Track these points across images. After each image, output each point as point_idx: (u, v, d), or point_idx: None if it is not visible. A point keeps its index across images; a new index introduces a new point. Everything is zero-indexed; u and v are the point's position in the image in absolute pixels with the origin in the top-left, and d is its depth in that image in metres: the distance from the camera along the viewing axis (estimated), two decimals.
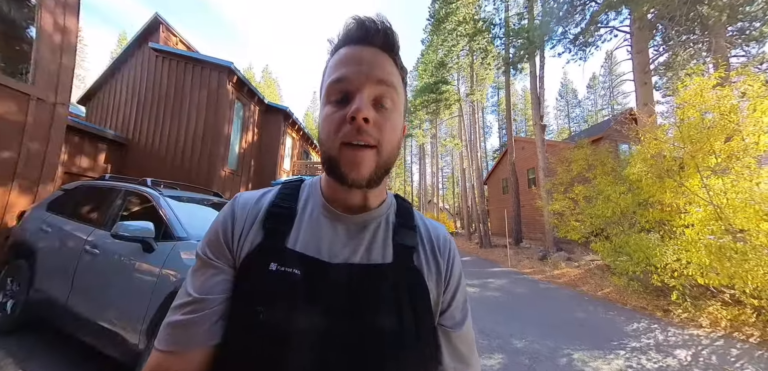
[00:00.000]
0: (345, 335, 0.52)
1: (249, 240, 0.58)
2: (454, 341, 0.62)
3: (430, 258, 0.64)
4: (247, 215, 0.61)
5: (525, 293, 6.96)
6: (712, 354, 3.83)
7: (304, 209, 0.63)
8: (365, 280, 0.56)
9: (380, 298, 0.55)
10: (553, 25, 12.18)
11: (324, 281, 0.54)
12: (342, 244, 0.59)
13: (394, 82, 0.57)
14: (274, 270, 0.54)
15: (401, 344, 0.54)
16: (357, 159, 0.53)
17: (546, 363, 3.57)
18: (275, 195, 0.65)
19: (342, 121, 0.53)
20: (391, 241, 0.62)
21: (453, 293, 0.65)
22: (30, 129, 5.45)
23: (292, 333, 0.50)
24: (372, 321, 0.53)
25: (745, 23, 10.07)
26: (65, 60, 6.00)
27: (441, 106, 22.70)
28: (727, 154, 5.51)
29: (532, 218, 19.42)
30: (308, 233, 0.59)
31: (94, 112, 12.73)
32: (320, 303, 0.53)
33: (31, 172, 5.51)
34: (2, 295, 3.65)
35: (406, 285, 0.58)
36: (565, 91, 62.36)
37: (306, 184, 0.69)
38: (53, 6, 5.76)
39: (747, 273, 4.48)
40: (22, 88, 5.35)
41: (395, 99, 0.58)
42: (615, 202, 7.66)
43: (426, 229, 0.69)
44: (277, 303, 0.52)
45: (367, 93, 0.54)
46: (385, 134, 0.55)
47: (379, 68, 0.55)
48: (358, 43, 0.56)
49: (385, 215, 0.65)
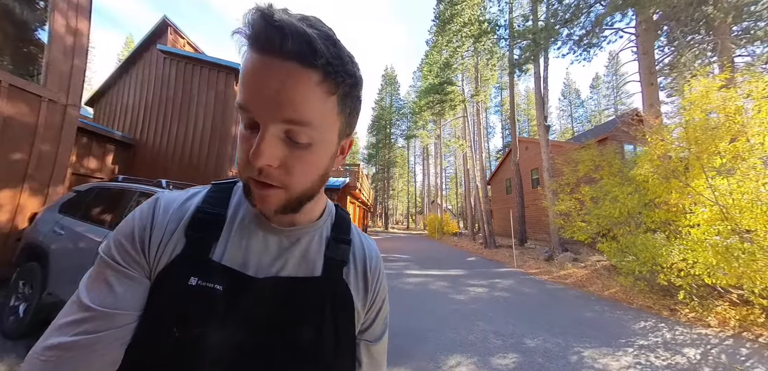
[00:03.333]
0: (263, 349, 0.50)
1: (169, 249, 0.51)
2: (372, 352, 0.65)
3: (360, 275, 0.65)
4: (169, 219, 0.53)
5: (533, 293, 6.97)
6: (721, 353, 3.84)
7: (235, 215, 0.57)
8: (290, 294, 0.54)
9: (303, 311, 0.54)
10: (558, 27, 12.18)
11: (247, 297, 0.51)
12: (273, 257, 0.56)
13: (309, 116, 0.45)
14: (193, 285, 0.49)
15: (318, 355, 0.54)
16: (263, 196, 0.48)
17: (558, 360, 3.61)
18: (203, 198, 0.58)
19: (245, 157, 0.46)
20: (323, 255, 0.61)
21: (377, 311, 0.67)
22: (41, 130, 5.52)
23: (207, 351, 0.47)
24: (291, 333, 0.52)
25: (750, 23, 10.07)
26: (77, 61, 6.08)
27: (446, 107, 22.69)
28: (733, 155, 5.52)
29: (536, 218, 19.42)
30: (237, 243, 0.55)
31: (101, 113, 12.86)
32: (240, 319, 0.50)
33: (42, 174, 5.58)
34: (14, 298, 3.62)
35: (331, 298, 0.58)
36: (567, 91, 62.24)
37: (239, 186, 0.62)
38: (66, 8, 5.85)
39: (755, 273, 4.49)
40: (33, 89, 5.43)
41: (312, 135, 0.47)
42: (622, 203, 7.67)
43: (360, 246, 0.68)
44: (193, 321, 0.47)
45: (273, 130, 0.44)
46: (294, 175, 0.48)
47: (286, 98, 0.43)
48: (263, 53, 0.42)
49: (320, 229, 0.63)
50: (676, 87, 13.57)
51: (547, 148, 13.38)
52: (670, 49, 12.01)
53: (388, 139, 53.42)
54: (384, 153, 52.48)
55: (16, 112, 5.20)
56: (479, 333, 4.44)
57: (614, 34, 12.14)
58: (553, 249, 12.61)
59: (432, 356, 3.65)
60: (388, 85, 57.16)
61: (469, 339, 4.19)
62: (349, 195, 17.55)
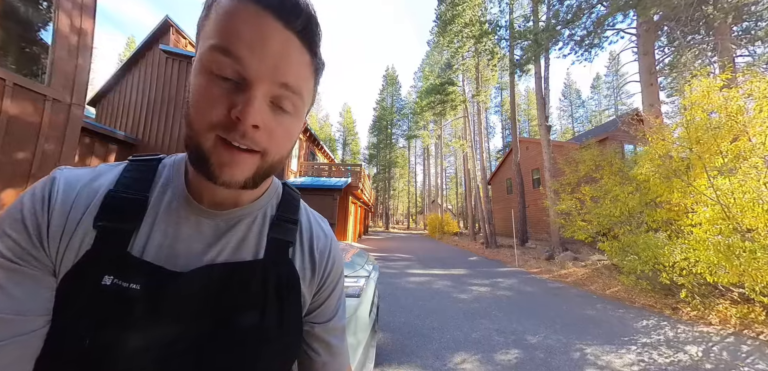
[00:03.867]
0: (195, 341, 0.45)
1: (75, 242, 0.43)
2: (324, 336, 0.61)
3: (306, 255, 0.60)
4: (72, 204, 0.44)
5: (535, 292, 7.00)
6: (723, 350, 3.86)
7: (161, 198, 0.50)
8: (226, 280, 0.49)
9: (241, 295, 0.49)
10: (559, 27, 12.22)
11: (171, 293, 0.45)
12: (206, 244, 0.50)
13: (302, 89, 0.46)
14: (108, 285, 0.42)
15: (260, 341, 0.49)
16: (234, 160, 0.42)
17: (560, 356, 3.63)
18: (117, 177, 0.49)
19: (223, 113, 0.40)
20: (266, 236, 0.55)
21: (329, 292, 0.62)
22: (45, 130, 5.54)
23: (125, 358, 0.41)
24: (230, 320, 0.48)
25: (750, 23, 10.10)
26: (81, 61, 6.10)
27: (447, 107, 22.75)
28: (734, 154, 5.55)
29: (537, 218, 19.47)
30: (162, 231, 0.47)
31: (103, 113, 12.90)
32: (165, 318, 0.44)
33: (46, 174, 5.54)
34: None
35: (275, 279, 0.53)
36: (568, 91, 62.35)
37: (165, 164, 0.54)
38: (70, 7, 5.87)
39: (756, 271, 4.51)
40: (38, 88, 5.45)
41: (298, 105, 0.46)
42: (623, 202, 7.70)
43: (308, 225, 0.63)
44: (108, 326, 0.41)
45: (265, 90, 0.42)
46: (275, 141, 0.45)
47: (287, 65, 0.42)
48: (270, 11, 0.40)
49: (263, 209, 0.57)
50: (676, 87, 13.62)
51: (548, 148, 13.40)
52: (671, 50, 12.05)
53: (389, 139, 53.50)
54: (385, 153, 52.56)
55: (21, 111, 5.22)
56: (482, 331, 4.47)
57: (615, 35, 12.19)
58: (554, 248, 12.64)
59: (437, 353, 3.67)
60: (389, 85, 57.24)
61: (473, 337, 4.21)
62: (350, 196, 17.58)
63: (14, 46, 5.50)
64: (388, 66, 60.56)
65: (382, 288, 6.60)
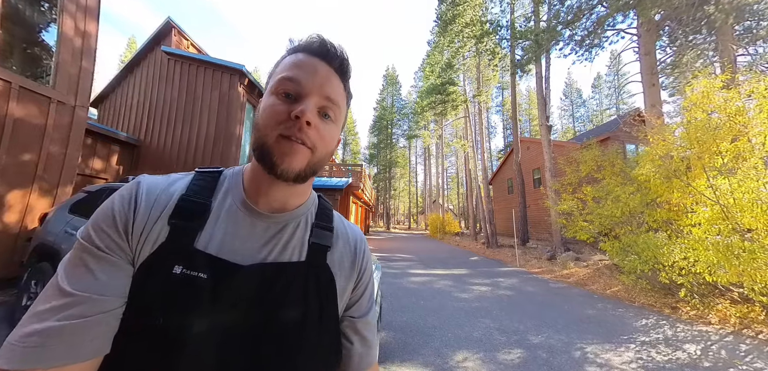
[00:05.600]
0: (249, 329, 0.53)
1: (152, 237, 0.52)
2: (360, 328, 0.69)
3: (344, 256, 0.69)
4: (153, 205, 0.55)
5: (536, 292, 7.04)
6: (721, 349, 3.90)
7: (222, 204, 0.60)
8: (275, 278, 0.57)
9: (289, 293, 0.57)
10: (560, 28, 12.23)
11: (232, 283, 0.53)
12: (259, 244, 0.59)
13: (340, 103, 0.61)
14: (178, 274, 0.50)
15: (303, 332, 0.57)
16: (293, 150, 0.54)
17: (562, 355, 3.68)
18: (188, 185, 0.60)
19: (285, 115, 0.54)
20: (307, 240, 0.65)
21: (363, 290, 0.71)
22: (50, 131, 5.59)
23: (192, 337, 0.48)
24: (278, 313, 0.55)
25: (752, 22, 10.09)
26: (85, 63, 6.16)
27: (448, 107, 22.76)
28: (734, 155, 5.57)
29: (538, 218, 19.46)
30: (223, 231, 0.57)
31: (106, 114, 12.95)
32: (226, 303, 0.52)
33: (51, 175, 5.64)
34: (26, 298, 3.64)
35: (315, 280, 0.61)
36: (569, 91, 62.25)
37: (225, 175, 0.66)
38: (74, 10, 5.93)
39: (756, 271, 4.54)
40: (43, 91, 5.50)
41: (337, 115, 0.61)
42: (624, 202, 7.73)
43: (343, 231, 0.73)
44: (178, 309, 0.49)
45: (315, 100, 0.56)
46: (322, 140, 0.58)
47: (330, 85, 0.59)
48: (317, 57, 0.59)
49: (305, 215, 0.67)
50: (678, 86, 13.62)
51: (549, 148, 13.42)
52: (672, 49, 12.05)
53: (389, 139, 53.48)
54: (385, 153, 52.55)
55: (26, 113, 5.28)
56: (484, 330, 4.51)
57: (616, 35, 12.18)
58: (555, 248, 12.66)
59: (438, 352, 3.71)
60: (389, 85, 57.23)
61: (475, 336, 4.26)
62: (351, 195, 17.62)
63: (18, 48, 5.55)
64: (388, 66, 60.64)
65: (384, 288, 6.64)
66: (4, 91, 4.98)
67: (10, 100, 5.04)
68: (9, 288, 4.84)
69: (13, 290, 4.65)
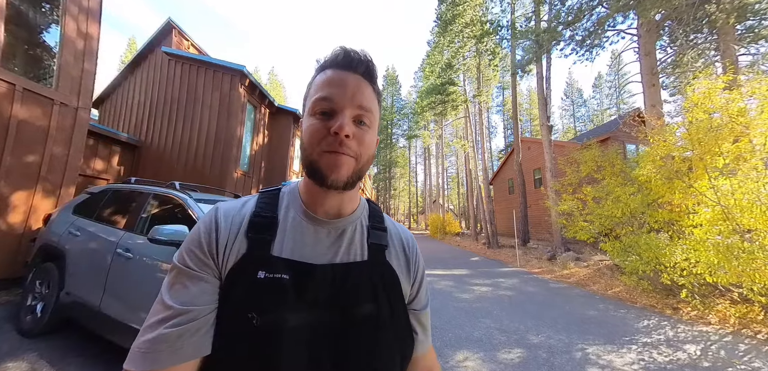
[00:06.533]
0: (331, 325, 0.59)
1: (235, 251, 0.60)
2: (422, 320, 0.76)
3: (400, 254, 0.75)
4: (230, 225, 0.63)
5: (536, 292, 7.05)
6: (720, 349, 3.92)
7: (286, 216, 0.67)
8: (346, 277, 0.63)
9: (360, 290, 0.63)
10: (561, 28, 12.23)
11: (311, 282, 0.60)
12: (325, 247, 0.66)
13: (372, 107, 0.65)
14: (262, 278, 0.58)
15: (379, 326, 0.63)
16: (338, 162, 0.60)
17: (562, 356, 3.70)
18: (255, 204, 0.69)
19: (325, 132, 0.60)
20: (366, 242, 0.70)
21: (419, 284, 0.77)
22: (53, 133, 5.61)
23: (286, 332, 0.55)
24: (354, 310, 0.61)
25: (754, 21, 10.04)
26: (87, 65, 6.17)
27: (448, 107, 22.74)
28: (735, 156, 5.57)
29: (539, 218, 19.45)
30: (292, 239, 0.64)
31: (107, 114, 12.98)
32: (308, 301, 0.59)
33: (55, 176, 5.66)
34: (31, 297, 3.66)
35: (380, 277, 0.67)
36: (570, 91, 62.17)
37: (284, 192, 0.73)
38: (77, 12, 5.95)
39: (755, 272, 4.55)
40: (46, 92, 5.52)
41: (371, 120, 0.65)
42: (624, 203, 7.73)
43: (395, 231, 0.79)
44: (269, 307, 0.56)
45: (349, 113, 0.61)
46: (363, 147, 0.63)
47: (360, 94, 0.63)
48: (344, 69, 0.63)
49: (359, 219, 0.73)
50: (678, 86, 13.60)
51: (549, 148, 13.41)
52: (673, 49, 12.04)
53: (389, 138, 53.46)
54: (385, 153, 52.53)
55: (30, 115, 5.30)
56: (484, 329, 4.53)
57: (616, 35, 12.18)
58: (556, 248, 12.67)
59: (439, 351, 3.73)
60: (389, 85, 57.19)
61: (475, 336, 4.28)
62: None
63: (21, 50, 5.57)
64: (388, 66, 60.58)
65: None
66: (8, 93, 5.01)
67: (14, 102, 5.06)
68: (14, 288, 4.88)
69: (18, 290, 4.68)
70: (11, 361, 2.99)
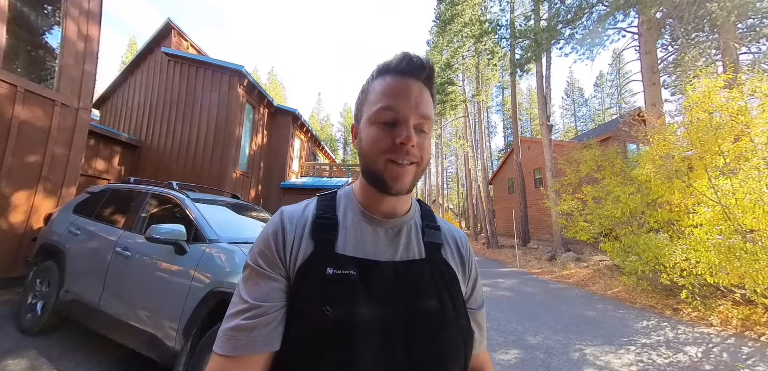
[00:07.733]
0: (400, 318, 0.60)
1: (302, 251, 0.63)
2: (478, 319, 0.76)
3: (455, 253, 0.76)
4: (295, 227, 0.67)
5: (535, 292, 7.05)
6: (723, 352, 3.90)
7: (346, 217, 0.70)
8: (408, 273, 0.65)
9: (422, 286, 0.65)
10: (560, 26, 12.21)
11: (376, 277, 0.62)
12: (385, 246, 0.68)
13: (432, 114, 0.67)
14: (331, 274, 0.60)
15: (445, 320, 0.63)
16: (402, 173, 0.62)
17: (560, 357, 3.69)
18: (316, 206, 0.72)
19: (389, 142, 0.62)
20: (421, 240, 0.72)
21: (474, 282, 0.78)
22: (54, 133, 5.64)
23: (359, 324, 0.57)
24: (420, 304, 0.63)
25: (755, 20, 10.03)
26: (88, 66, 6.19)
27: (447, 107, 22.71)
28: (736, 155, 5.56)
29: (539, 218, 19.43)
30: (354, 238, 0.67)
31: (107, 115, 13.00)
32: (376, 295, 0.60)
33: (56, 176, 5.68)
34: (32, 296, 3.69)
35: (439, 274, 0.68)
36: (571, 90, 61.98)
37: (340, 195, 0.76)
38: (77, 15, 5.96)
39: (758, 272, 4.53)
40: (47, 93, 5.54)
41: (430, 126, 0.67)
42: (624, 203, 7.72)
43: (448, 229, 0.80)
44: (341, 301, 0.58)
45: (412, 121, 0.62)
46: (423, 152, 0.65)
47: (423, 103, 0.64)
48: (406, 76, 0.64)
49: (413, 218, 0.75)
50: (679, 85, 13.59)
51: (549, 148, 13.40)
52: (674, 48, 12.02)
53: None
54: None
55: (31, 116, 5.32)
56: None
57: (617, 33, 12.17)
58: (556, 248, 12.67)
59: None
60: None
61: None
62: None
63: (23, 52, 5.59)
64: None
65: None
66: (10, 94, 5.02)
67: (15, 103, 5.08)
68: (15, 287, 4.90)
69: (19, 288, 4.69)
70: (11, 359, 3.01)
